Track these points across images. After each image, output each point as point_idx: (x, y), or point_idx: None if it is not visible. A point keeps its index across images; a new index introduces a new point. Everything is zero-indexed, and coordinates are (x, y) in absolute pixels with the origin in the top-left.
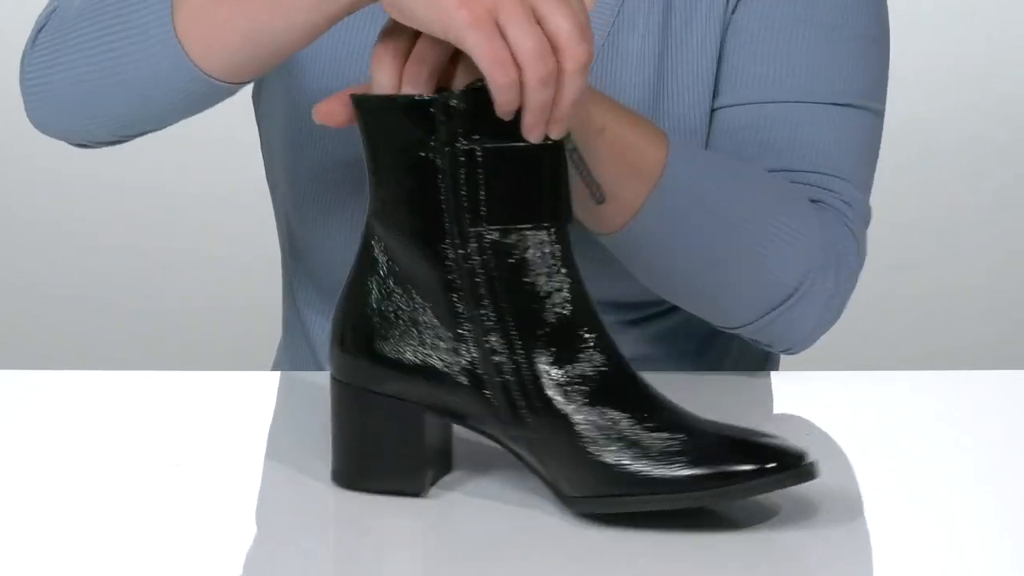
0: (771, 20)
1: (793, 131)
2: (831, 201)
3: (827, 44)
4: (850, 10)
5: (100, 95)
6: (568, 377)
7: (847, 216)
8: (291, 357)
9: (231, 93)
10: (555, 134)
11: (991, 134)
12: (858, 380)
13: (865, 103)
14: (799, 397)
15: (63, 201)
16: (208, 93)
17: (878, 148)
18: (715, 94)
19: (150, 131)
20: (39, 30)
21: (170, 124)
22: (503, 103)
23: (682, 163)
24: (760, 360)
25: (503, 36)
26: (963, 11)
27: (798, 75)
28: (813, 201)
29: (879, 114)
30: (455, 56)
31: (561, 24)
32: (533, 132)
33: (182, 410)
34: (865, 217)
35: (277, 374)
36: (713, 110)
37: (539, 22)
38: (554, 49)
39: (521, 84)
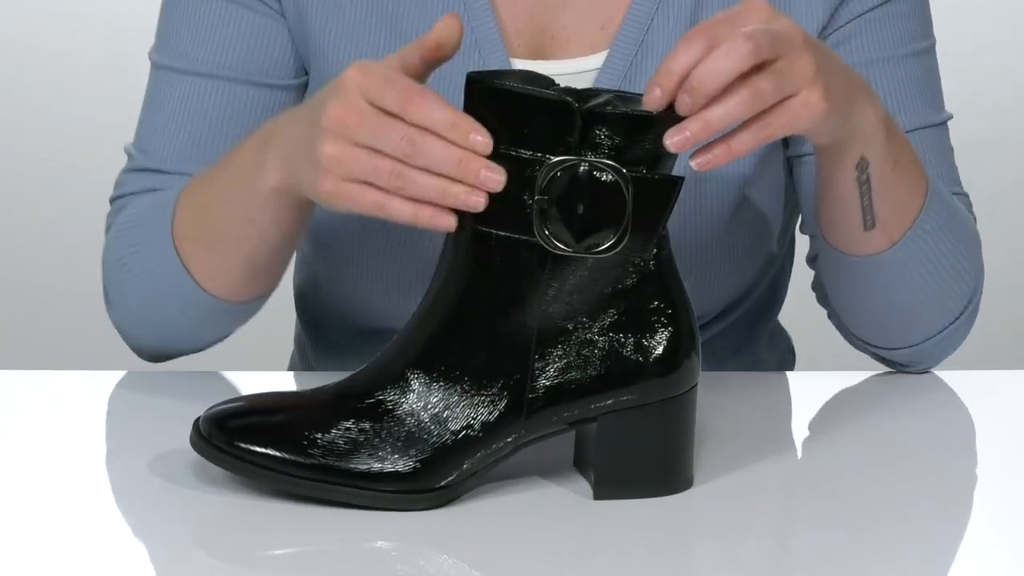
0: (852, 56)
1: None
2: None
3: (911, 68)
4: (910, 26)
5: (168, 327)
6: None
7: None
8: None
9: (267, 296)
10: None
11: (990, 134)
12: (861, 380)
13: (943, 115)
14: (811, 396)
15: (63, 200)
16: (249, 312)
17: None
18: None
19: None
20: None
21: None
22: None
23: (936, 201)
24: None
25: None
26: (962, 12)
27: (896, 107)
28: None
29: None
30: None
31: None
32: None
33: (182, 410)
34: (970, 204)
35: (283, 375)
36: (807, 153)
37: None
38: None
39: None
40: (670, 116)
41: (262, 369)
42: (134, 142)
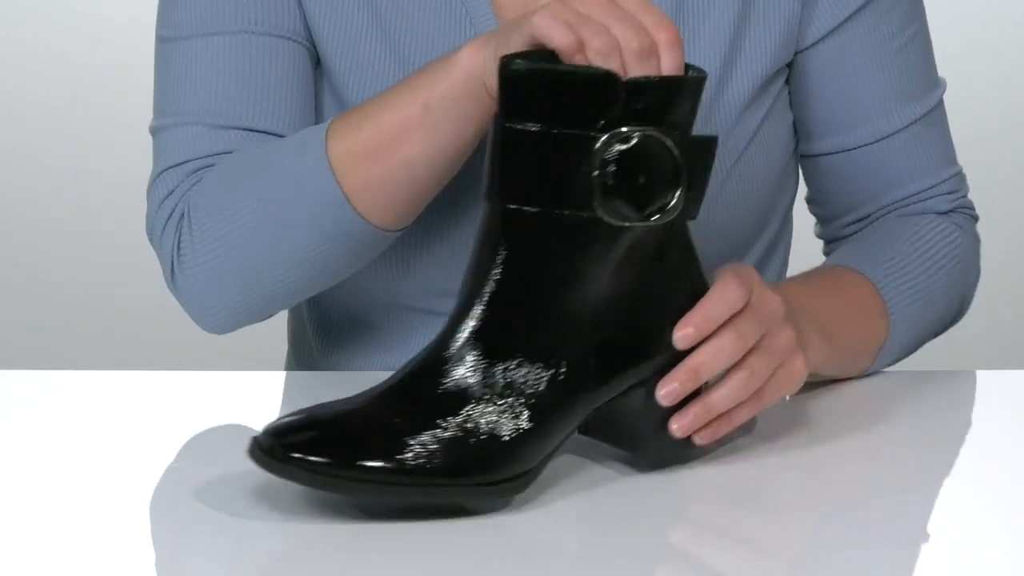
0: (855, 54)
1: (912, 156)
2: (955, 203)
3: (910, 54)
4: (899, 13)
5: (273, 277)
6: None
7: (966, 207)
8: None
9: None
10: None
11: (990, 134)
12: (860, 380)
13: (940, 90)
14: (811, 396)
15: (64, 200)
16: (383, 244)
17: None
18: (814, 135)
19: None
20: (181, 231)
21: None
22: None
23: (901, 319)
24: None
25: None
26: (960, 13)
27: (900, 99)
28: (941, 214)
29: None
30: None
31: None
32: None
33: (182, 410)
34: (967, 184)
35: (279, 374)
36: (822, 154)
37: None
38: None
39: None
40: (699, 80)
41: (259, 369)
42: (160, 116)
